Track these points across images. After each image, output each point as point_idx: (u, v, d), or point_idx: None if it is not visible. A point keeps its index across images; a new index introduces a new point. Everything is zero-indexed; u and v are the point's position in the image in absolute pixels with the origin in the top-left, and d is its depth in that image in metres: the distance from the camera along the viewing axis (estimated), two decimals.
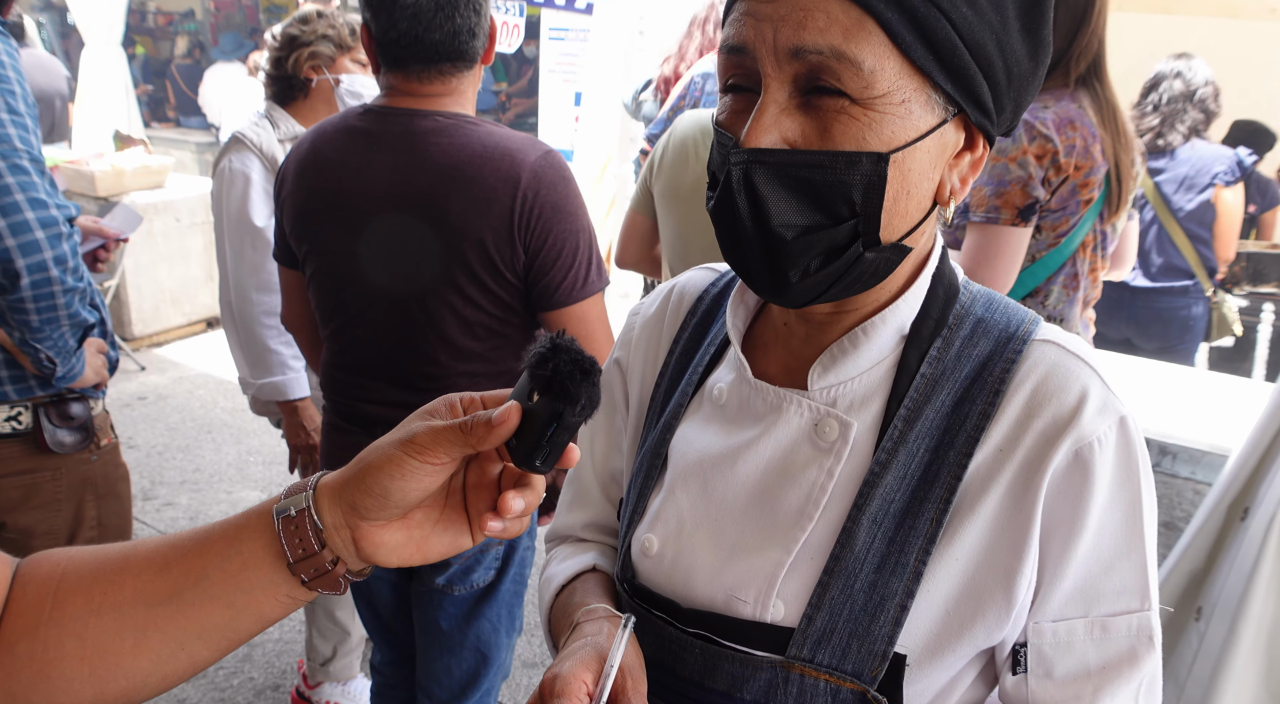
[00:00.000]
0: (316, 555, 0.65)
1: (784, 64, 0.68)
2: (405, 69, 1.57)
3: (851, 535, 0.76)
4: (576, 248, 1.58)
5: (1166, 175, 3.59)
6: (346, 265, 1.62)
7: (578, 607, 0.86)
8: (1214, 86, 3.49)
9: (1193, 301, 3.65)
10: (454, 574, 1.72)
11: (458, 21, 1.54)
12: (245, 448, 4.39)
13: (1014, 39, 0.71)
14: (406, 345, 1.62)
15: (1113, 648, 0.75)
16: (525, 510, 0.66)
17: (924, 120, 0.70)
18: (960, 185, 0.76)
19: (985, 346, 0.79)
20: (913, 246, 0.76)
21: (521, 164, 1.53)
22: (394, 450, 0.64)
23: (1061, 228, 1.96)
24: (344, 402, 1.73)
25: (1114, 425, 0.74)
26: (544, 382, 0.62)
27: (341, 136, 1.61)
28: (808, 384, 0.81)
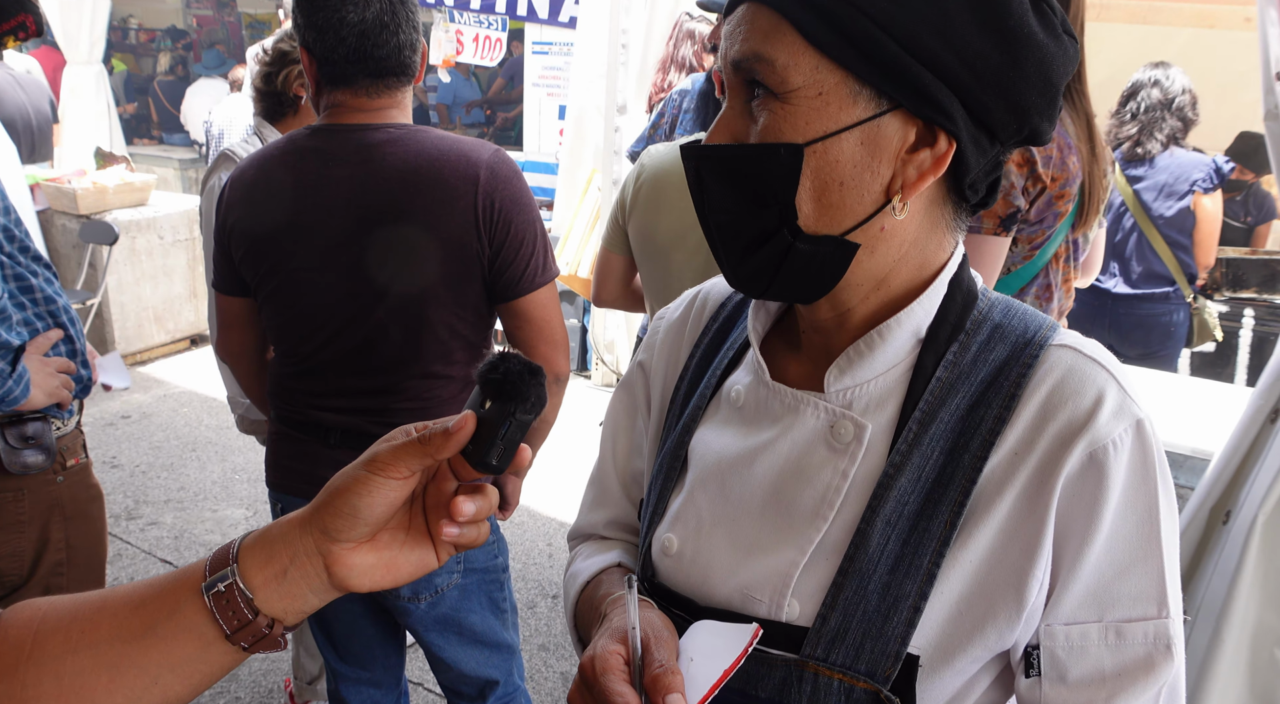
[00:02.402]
0: (251, 624, 0.67)
1: (732, 75, 0.77)
2: (353, 85, 1.62)
3: (866, 536, 0.77)
4: (535, 238, 1.67)
5: (1146, 183, 3.62)
6: (309, 280, 1.64)
7: (603, 599, 0.88)
8: (1191, 95, 3.53)
9: (1174, 308, 3.68)
10: (415, 584, 1.74)
11: (400, 38, 1.61)
12: (230, 465, 4.37)
13: (964, 31, 0.71)
14: (370, 351, 1.66)
15: (1128, 655, 0.74)
16: (478, 515, 0.69)
17: (846, 113, 0.73)
18: (917, 180, 0.75)
19: (1002, 351, 0.79)
20: (860, 243, 0.76)
21: (477, 162, 1.60)
22: (359, 471, 0.67)
23: (1037, 239, 1.97)
24: (298, 411, 1.75)
25: (1130, 428, 0.74)
26: (495, 385, 0.66)
27: (291, 158, 1.65)
28: (824, 386, 0.82)
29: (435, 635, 1.81)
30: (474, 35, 6.56)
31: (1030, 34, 0.73)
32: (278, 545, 0.68)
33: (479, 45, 6.61)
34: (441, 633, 1.81)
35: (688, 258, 2.03)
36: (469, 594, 1.80)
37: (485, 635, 1.85)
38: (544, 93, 6.12)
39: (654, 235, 2.06)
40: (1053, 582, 0.75)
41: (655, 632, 0.75)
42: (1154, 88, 3.52)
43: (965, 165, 0.76)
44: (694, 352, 0.97)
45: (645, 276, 2.17)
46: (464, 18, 6.42)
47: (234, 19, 12.02)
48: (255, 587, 0.67)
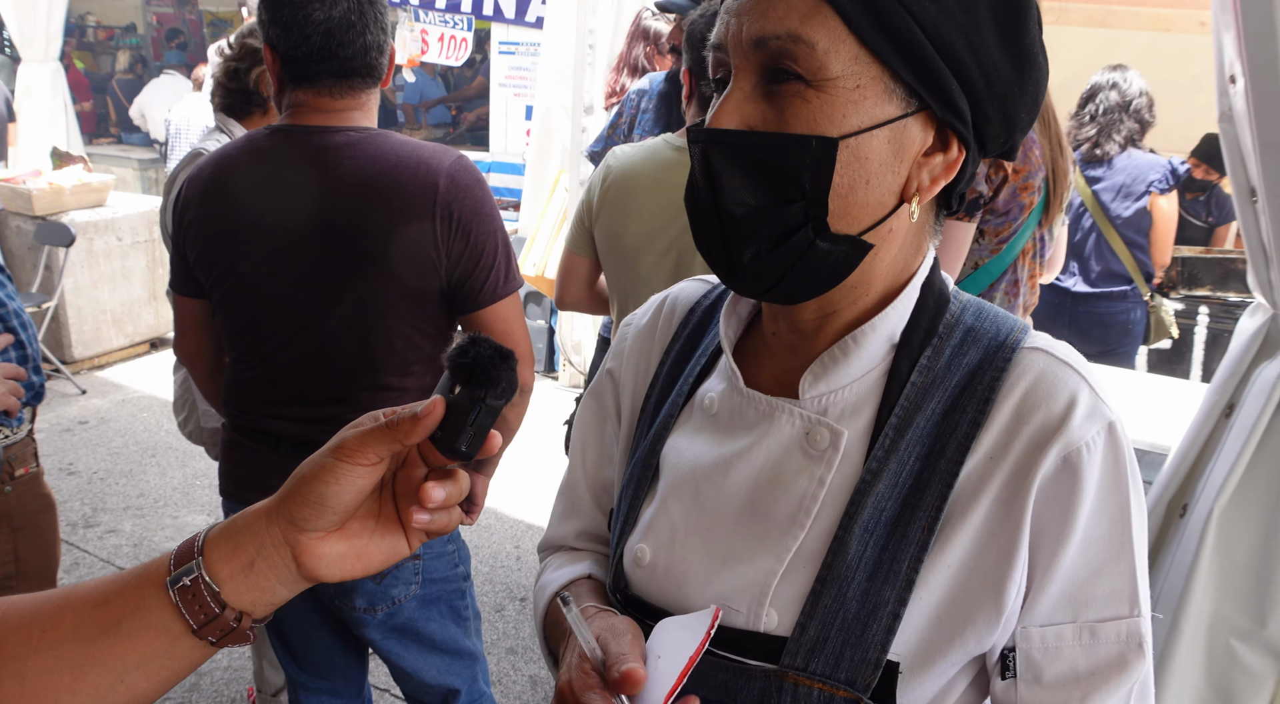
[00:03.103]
0: (219, 618, 0.66)
1: (749, 54, 0.72)
2: (316, 85, 1.59)
3: (844, 543, 0.76)
4: (496, 248, 1.63)
5: (1104, 184, 3.68)
6: (262, 284, 1.61)
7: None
8: (1148, 97, 3.59)
9: (1131, 306, 3.75)
10: (371, 595, 1.71)
11: (368, 38, 1.58)
12: (191, 471, 4.30)
13: (988, 43, 0.72)
14: (324, 360, 1.63)
15: (1101, 654, 0.75)
16: (448, 501, 0.67)
17: (881, 109, 0.71)
18: (930, 184, 0.76)
19: (975, 355, 0.79)
20: (874, 244, 0.76)
21: (437, 170, 1.57)
22: (325, 459, 0.66)
23: (1004, 233, 2.00)
24: (250, 419, 1.72)
25: (1103, 430, 0.74)
26: (465, 370, 0.65)
27: (249, 159, 1.62)
28: (799, 393, 0.81)
29: (393, 645, 1.78)
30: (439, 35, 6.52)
31: (1037, 54, 0.75)
32: (244, 537, 0.67)
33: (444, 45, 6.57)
34: (400, 642, 1.78)
35: (656, 260, 2.02)
36: (428, 604, 1.78)
37: (445, 644, 1.82)
38: (510, 93, 6.10)
39: (622, 238, 2.05)
40: (1028, 584, 0.75)
41: (614, 633, 0.74)
42: (1112, 90, 3.58)
43: (963, 173, 0.77)
44: (664, 358, 0.95)
45: (611, 279, 2.16)
46: (429, 17, 6.38)
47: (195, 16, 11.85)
48: (222, 579, 0.66)
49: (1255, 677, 1.51)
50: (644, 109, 2.90)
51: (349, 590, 1.69)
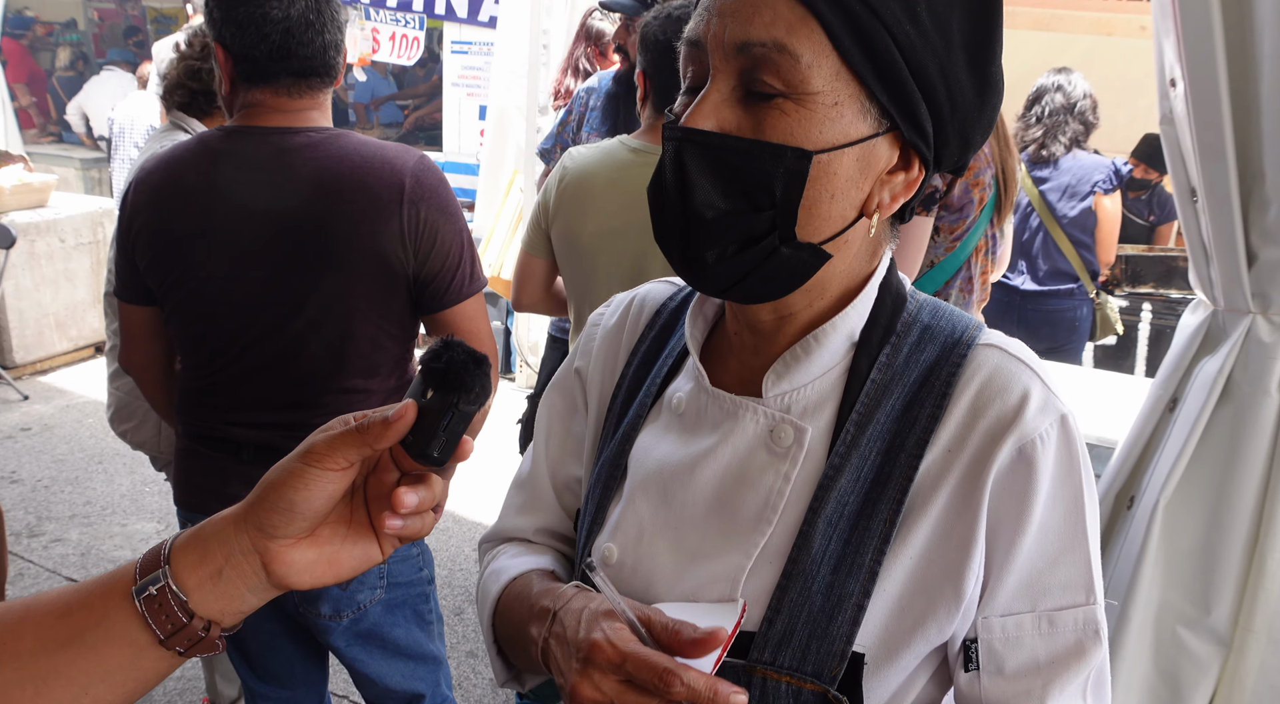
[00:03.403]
0: (186, 627, 0.64)
1: (731, 58, 0.72)
2: (274, 84, 1.57)
3: (808, 538, 0.77)
4: (462, 247, 1.63)
5: (1051, 184, 3.76)
6: (224, 288, 1.58)
7: (542, 595, 0.83)
8: (1092, 99, 3.68)
9: (1078, 303, 3.83)
10: (337, 601, 1.69)
11: (326, 37, 1.57)
12: (140, 478, 4.21)
13: (958, 69, 0.74)
14: (287, 364, 1.60)
15: (1060, 642, 0.77)
16: (421, 506, 0.67)
17: (855, 128, 0.72)
18: (890, 202, 0.78)
19: (932, 352, 0.81)
20: (832, 254, 0.77)
21: (402, 170, 1.56)
22: (294, 464, 0.64)
23: (958, 230, 2.04)
24: (208, 426, 1.68)
25: (1056, 423, 0.77)
26: (438, 375, 0.64)
27: (204, 161, 1.59)
28: (762, 392, 0.82)
29: (358, 651, 1.76)
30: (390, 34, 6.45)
31: (998, 79, 0.77)
32: (212, 544, 0.65)
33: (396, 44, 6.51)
34: (365, 648, 1.76)
35: (613, 261, 2.02)
36: (393, 609, 1.76)
37: (410, 649, 1.81)
38: (464, 92, 6.05)
39: (578, 239, 2.05)
40: (986, 574, 0.77)
41: (643, 608, 0.73)
42: (1057, 92, 3.66)
43: (920, 190, 0.79)
44: (631, 359, 0.96)
45: (569, 280, 2.15)
46: (380, 15, 6.31)
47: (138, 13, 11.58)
48: (189, 588, 0.64)
49: (1201, 662, 1.55)
50: (592, 107, 2.90)
51: (314, 597, 1.67)
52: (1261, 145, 1.36)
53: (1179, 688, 1.57)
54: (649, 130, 2.05)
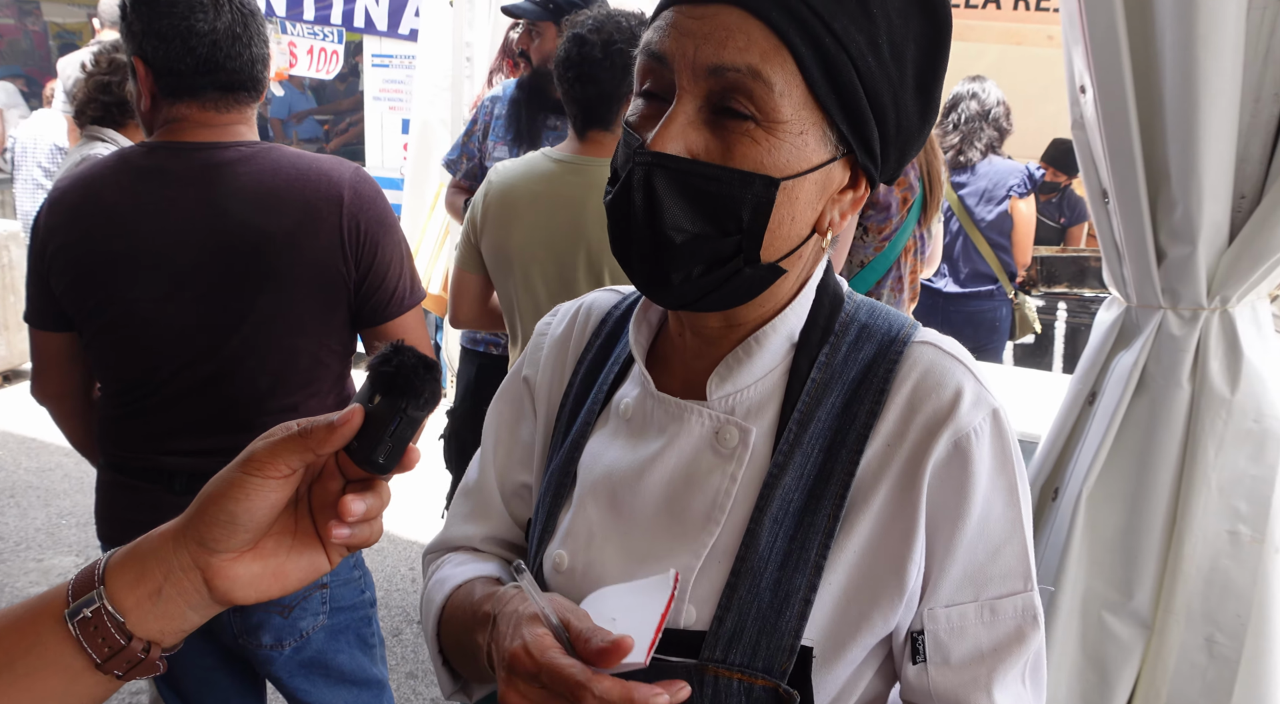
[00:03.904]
0: (125, 650, 0.61)
1: (700, 79, 0.72)
2: (200, 98, 1.53)
3: (755, 536, 0.79)
4: (401, 259, 1.62)
5: (969, 189, 3.88)
6: (154, 310, 1.53)
7: (484, 600, 0.82)
8: (1005, 106, 3.82)
9: (998, 304, 3.96)
10: (279, 630, 1.64)
11: (254, 51, 1.54)
12: (55, 510, 4.04)
13: (907, 96, 0.77)
14: (220, 385, 1.56)
15: (1002, 629, 0.79)
16: (369, 514, 0.65)
17: (817, 154, 0.75)
18: (839, 219, 0.81)
19: (870, 350, 0.83)
20: (787, 269, 0.80)
21: (340, 182, 1.54)
22: (234, 473, 0.62)
23: (886, 230, 2.09)
24: (131, 454, 1.62)
25: (988, 417, 0.80)
26: (387, 378, 0.63)
27: (125, 178, 1.53)
28: (706, 394, 0.84)
29: (300, 681, 1.71)
30: (308, 48, 6.34)
31: (939, 100, 0.80)
32: (149, 562, 0.62)
33: (314, 57, 6.40)
34: (307, 677, 1.71)
35: (542, 271, 2.03)
36: (336, 635, 1.72)
37: (354, 674, 1.76)
38: (386, 106, 5.98)
39: (507, 251, 2.05)
40: (929, 565, 0.79)
41: (568, 609, 0.72)
42: (972, 100, 3.78)
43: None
44: (578, 366, 0.96)
45: (501, 293, 2.15)
46: (297, 29, 6.20)
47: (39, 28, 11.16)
48: (126, 609, 0.61)
49: (1125, 645, 1.61)
50: (497, 115, 2.90)
51: (254, 627, 1.62)
52: (1166, 148, 1.43)
53: (1105, 670, 1.63)
54: (572, 142, 2.06)
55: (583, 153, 2.03)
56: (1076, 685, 1.65)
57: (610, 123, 2.01)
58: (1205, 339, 1.50)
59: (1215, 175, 1.41)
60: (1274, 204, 1.40)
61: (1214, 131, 1.38)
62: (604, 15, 1.98)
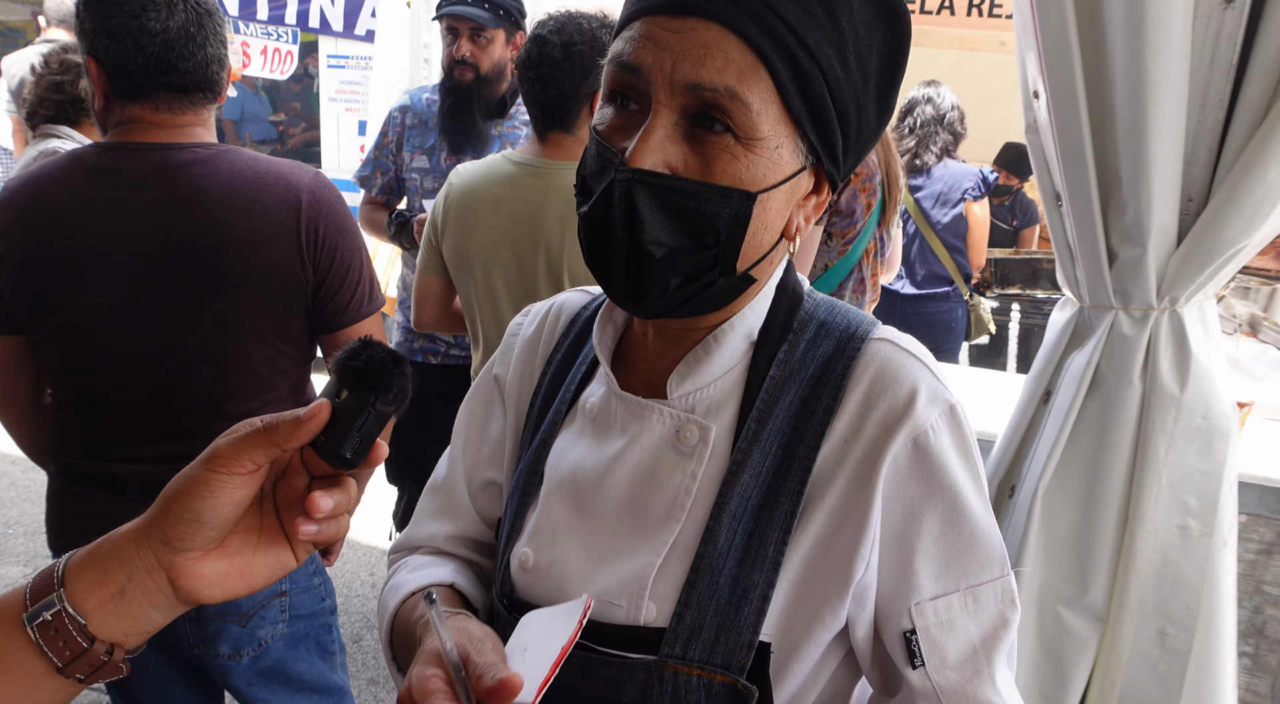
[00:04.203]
0: (87, 653, 0.60)
1: (677, 94, 0.72)
2: (153, 99, 1.49)
3: (714, 533, 0.79)
4: (360, 265, 1.60)
5: (924, 192, 3.94)
6: (106, 314, 1.49)
7: (416, 622, 0.83)
8: (959, 110, 3.88)
9: (954, 305, 4.02)
10: (237, 640, 1.61)
11: (209, 51, 1.51)
12: (2, 519, 3.93)
13: (869, 103, 0.78)
14: (173, 391, 1.53)
15: (986, 616, 0.81)
16: (337, 510, 0.64)
17: (789, 166, 0.76)
18: (805, 224, 0.82)
19: (828, 347, 0.84)
20: (758, 278, 0.81)
21: (298, 186, 1.52)
22: (198, 470, 0.62)
23: (849, 235, 2.12)
24: (83, 461, 1.58)
25: (945, 412, 0.81)
26: (355, 372, 0.62)
27: (78, 179, 1.50)
28: (667, 393, 0.84)
29: (259, 690, 1.68)
30: (262, 48, 6.25)
31: (895, 104, 0.82)
32: (111, 562, 0.61)
33: (268, 58, 6.31)
34: (267, 686, 1.68)
35: (503, 274, 2.02)
36: (296, 643, 1.69)
37: (314, 682, 1.74)
38: (342, 108, 5.91)
39: (467, 253, 2.04)
40: (905, 562, 0.79)
41: (472, 641, 0.70)
42: (927, 104, 3.83)
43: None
44: (547, 366, 0.97)
45: (463, 296, 2.14)
46: (250, 29, 6.11)
47: None
48: (88, 611, 0.60)
49: (1080, 639, 1.64)
50: (410, 126, 2.81)
51: (211, 637, 1.59)
52: (1118, 152, 1.46)
53: (1062, 664, 1.66)
54: (533, 144, 2.06)
55: (543, 156, 2.03)
56: (1034, 679, 1.68)
57: (570, 125, 2.01)
58: (1155, 338, 1.54)
59: (1164, 179, 1.44)
60: (1220, 207, 1.44)
61: (1162, 136, 1.41)
62: (565, 16, 1.98)
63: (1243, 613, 2.04)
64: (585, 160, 0.79)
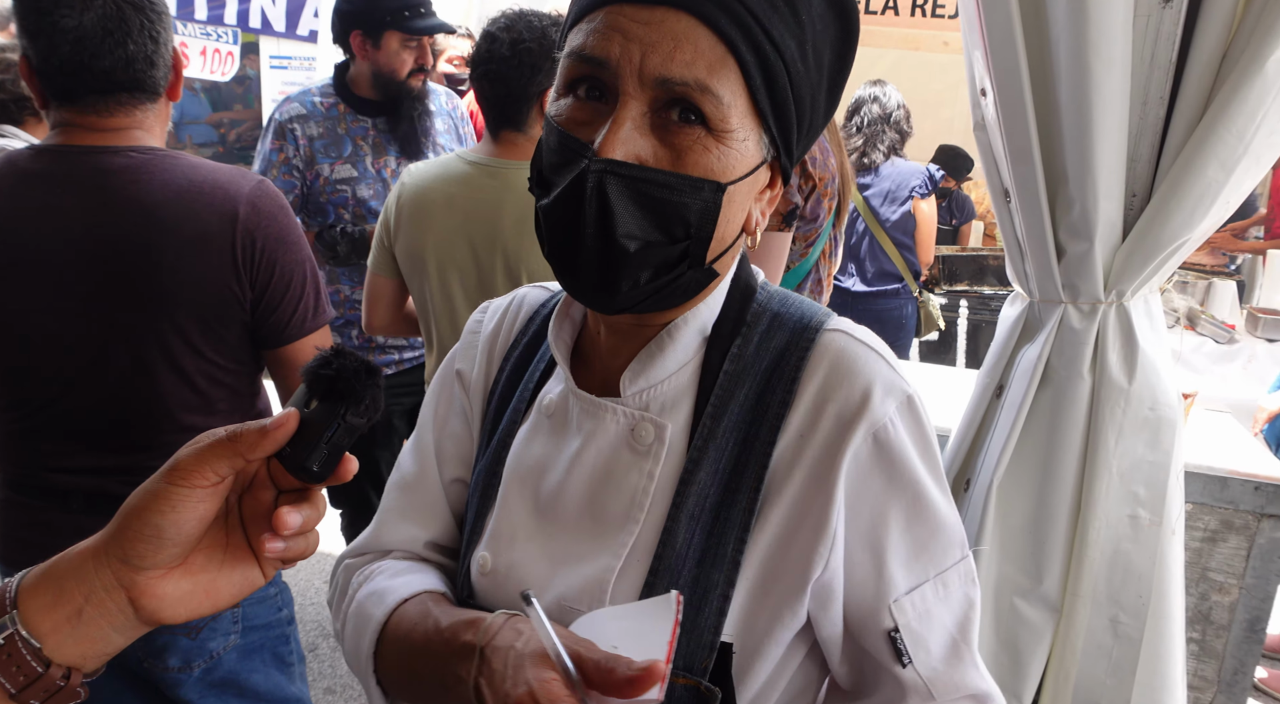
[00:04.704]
0: (42, 678, 0.57)
1: (646, 87, 0.71)
2: (77, 102, 1.43)
3: (672, 533, 0.78)
4: (304, 279, 1.54)
5: (873, 190, 3.98)
6: (38, 322, 1.44)
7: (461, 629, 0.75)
8: (905, 109, 3.93)
9: (904, 302, 4.07)
10: (187, 652, 1.57)
11: (130, 48, 1.42)
12: None
13: (821, 96, 0.78)
14: (114, 403, 1.48)
15: (955, 600, 0.81)
16: (305, 526, 0.62)
17: (754, 158, 0.76)
18: (761, 217, 0.82)
19: (781, 339, 0.83)
20: (720, 272, 0.80)
21: (236, 196, 1.45)
22: (158, 484, 0.58)
23: (810, 238, 2.13)
24: (30, 473, 1.54)
25: (903, 404, 0.80)
26: (326, 382, 0.59)
27: (9, 182, 1.44)
28: (620, 391, 0.83)
29: (212, 701, 1.63)
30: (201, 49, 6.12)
31: (840, 98, 0.82)
32: (68, 582, 0.58)
33: (207, 59, 6.18)
34: (220, 698, 1.64)
35: (460, 275, 1.99)
36: (249, 654, 1.65)
37: (270, 693, 1.70)
38: None
39: (421, 254, 2.01)
40: (878, 561, 0.79)
41: (576, 639, 0.68)
42: (874, 103, 3.88)
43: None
44: (504, 363, 0.95)
45: (416, 298, 2.11)
46: (189, 29, 5.97)
47: None
48: (43, 633, 0.57)
49: (1035, 629, 1.67)
50: (316, 136, 2.65)
51: (159, 650, 1.54)
52: (1063, 149, 1.49)
53: (1018, 654, 1.68)
54: (486, 143, 2.04)
55: (497, 155, 2.00)
56: (991, 670, 1.69)
57: (522, 124, 1.99)
58: (1104, 331, 1.57)
59: (1108, 175, 1.47)
60: (1162, 202, 1.48)
61: (1107, 133, 1.44)
62: (515, 14, 1.96)
63: (1189, 600, 2.09)
64: (541, 153, 0.77)
